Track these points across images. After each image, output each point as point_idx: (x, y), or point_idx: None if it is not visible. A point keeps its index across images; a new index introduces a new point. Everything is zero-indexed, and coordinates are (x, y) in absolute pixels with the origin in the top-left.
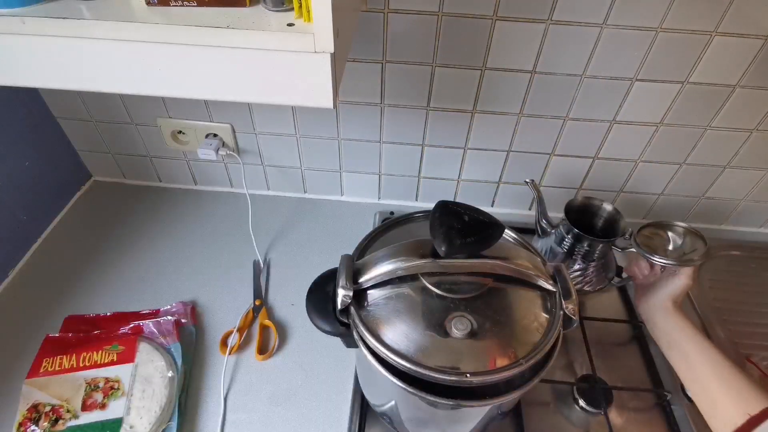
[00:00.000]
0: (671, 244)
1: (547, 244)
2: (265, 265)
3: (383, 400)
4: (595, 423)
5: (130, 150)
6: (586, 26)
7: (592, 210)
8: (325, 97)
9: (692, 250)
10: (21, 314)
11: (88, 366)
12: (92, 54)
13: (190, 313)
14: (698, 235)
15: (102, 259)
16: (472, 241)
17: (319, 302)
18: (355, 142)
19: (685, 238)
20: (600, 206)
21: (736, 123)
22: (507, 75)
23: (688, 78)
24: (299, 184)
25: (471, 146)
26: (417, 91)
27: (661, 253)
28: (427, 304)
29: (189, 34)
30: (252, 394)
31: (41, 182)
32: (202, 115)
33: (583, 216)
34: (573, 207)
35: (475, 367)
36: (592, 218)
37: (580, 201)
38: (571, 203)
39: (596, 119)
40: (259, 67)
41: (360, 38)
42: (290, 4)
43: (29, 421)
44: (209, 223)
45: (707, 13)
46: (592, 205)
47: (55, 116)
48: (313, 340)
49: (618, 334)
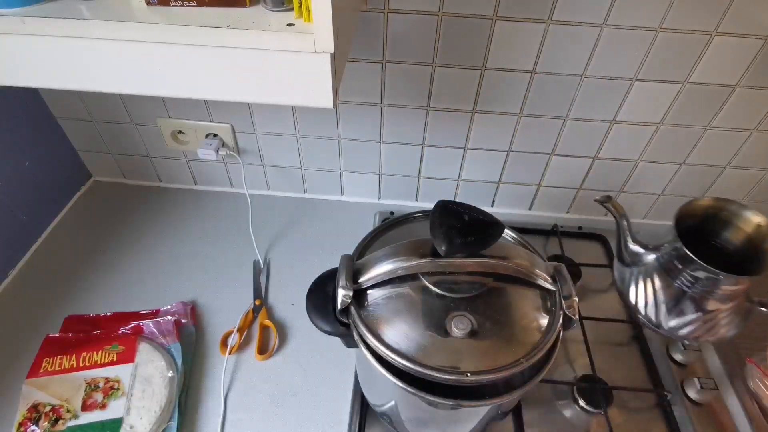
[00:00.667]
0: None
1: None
2: (265, 265)
3: (383, 400)
4: (595, 423)
5: (130, 150)
6: (586, 26)
7: (722, 218)
8: (325, 97)
9: None
10: (21, 314)
11: (88, 366)
12: (92, 54)
13: (190, 313)
14: None
15: (102, 259)
16: (472, 241)
17: (319, 302)
18: (355, 142)
19: None
20: (739, 214)
21: (736, 123)
22: (507, 75)
23: (688, 78)
24: (299, 184)
25: (471, 146)
26: (417, 91)
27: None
28: (428, 304)
29: (189, 34)
30: (252, 394)
31: (41, 182)
32: (202, 115)
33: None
34: (691, 213)
35: (476, 366)
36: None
37: (705, 205)
38: (690, 208)
39: (596, 119)
40: (259, 67)
41: (360, 38)
42: (290, 4)
43: (29, 421)
44: (209, 223)
45: (707, 13)
46: (725, 211)
47: (55, 116)
48: (313, 340)
49: (618, 334)
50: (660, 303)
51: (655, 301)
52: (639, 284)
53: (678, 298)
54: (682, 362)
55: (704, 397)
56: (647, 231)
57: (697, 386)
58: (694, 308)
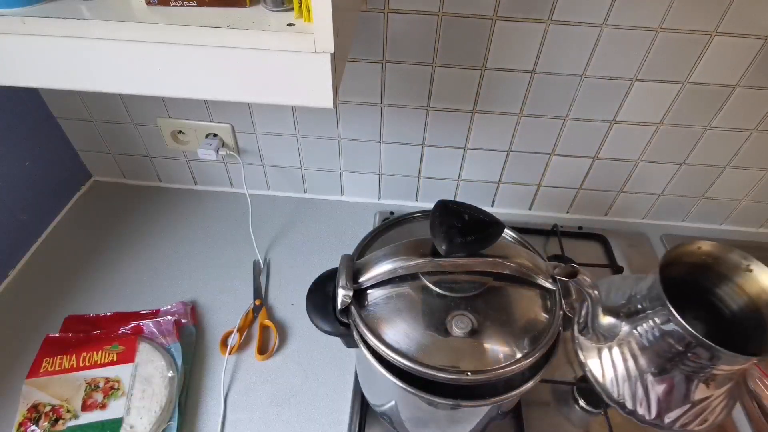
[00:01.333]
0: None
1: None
2: (265, 265)
3: (383, 400)
4: (595, 423)
5: (130, 150)
6: (586, 26)
7: (714, 270)
8: (325, 97)
9: None
10: (21, 314)
11: (88, 366)
12: (92, 54)
13: (190, 313)
14: None
15: (102, 259)
16: (472, 240)
17: (319, 302)
18: (355, 142)
19: None
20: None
21: (736, 123)
22: (507, 75)
23: (688, 78)
24: (299, 184)
25: (471, 146)
26: (417, 91)
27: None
28: (428, 303)
29: (189, 34)
30: (252, 394)
31: (41, 182)
32: (202, 115)
33: (691, 277)
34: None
35: (476, 365)
36: (716, 285)
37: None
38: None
39: (596, 119)
40: (259, 67)
41: (360, 38)
42: (290, 4)
43: (29, 421)
44: (209, 223)
45: (707, 13)
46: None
47: (55, 116)
48: (313, 340)
49: None
50: (636, 387)
51: (629, 385)
52: (608, 361)
53: (664, 380)
54: None
55: None
56: (641, 239)
57: None
58: (684, 393)
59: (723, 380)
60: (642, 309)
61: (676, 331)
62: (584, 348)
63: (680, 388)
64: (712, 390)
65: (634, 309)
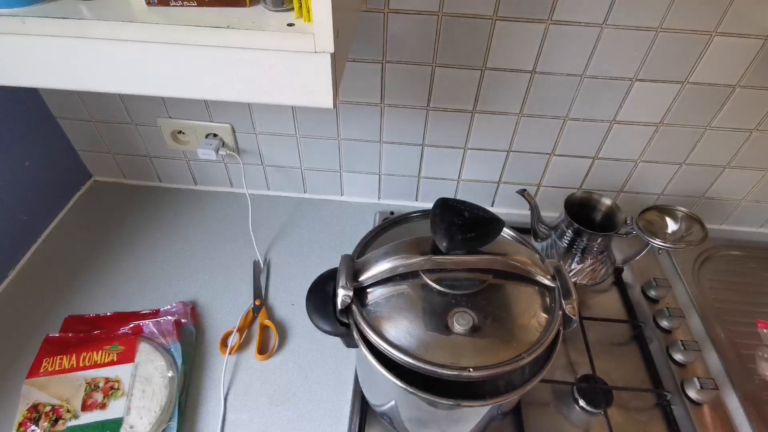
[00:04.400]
0: (670, 228)
1: (546, 243)
2: (265, 265)
3: (383, 400)
4: (595, 423)
5: (130, 150)
6: (586, 26)
7: (591, 204)
8: (325, 97)
9: (689, 234)
10: (21, 314)
11: (88, 366)
12: (92, 54)
13: (190, 313)
14: (696, 219)
15: (102, 259)
16: (472, 237)
17: (319, 302)
18: (355, 142)
19: (684, 223)
20: (599, 200)
21: (736, 123)
22: (507, 75)
23: (688, 78)
24: (299, 184)
25: (471, 146)
26: (417, 91)
27: (661, 237)
28: (428, 301)
29: (189, 34)
30: (252, 394)
31: (41, 182)
32: (202, 115)
33: (582, 210)
34: (573, 202)
35: (477, 362)
36: (591, 212)
37: (580, 196)
38: (571, 198)
39: (596, 119)
40: (259, 67)
41: (360, 38)
42: (290, 4)
43: (29, 421)
44: (209, 223)
45: (707, 13)
46: (592, 199)
47: (55, 116)
48: (313, 340)
49: (618, 334)
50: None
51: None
52: (545, 246)
53: (566, 253)
54: (682, 362)
55: (704, 397)
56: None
57: (697, 386)
58: (579, 260)
59: (596, 252)
60: (558, 224)
61: (573, 225)
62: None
63: (577, 257)
64: (591, 259)
65: (556, 224)
